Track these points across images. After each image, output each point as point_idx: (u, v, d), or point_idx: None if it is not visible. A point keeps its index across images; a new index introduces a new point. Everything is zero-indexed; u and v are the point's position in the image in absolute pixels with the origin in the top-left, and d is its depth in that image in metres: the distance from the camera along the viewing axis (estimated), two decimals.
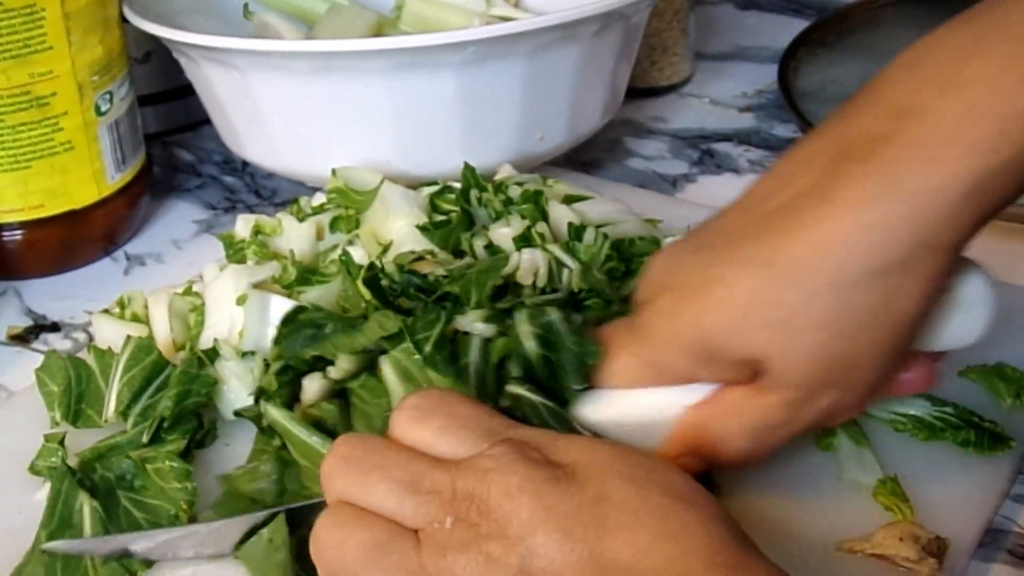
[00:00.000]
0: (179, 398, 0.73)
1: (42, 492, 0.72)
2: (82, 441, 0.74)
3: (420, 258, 0.78)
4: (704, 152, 1.11)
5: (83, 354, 0.79)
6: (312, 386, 0.72)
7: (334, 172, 0.89)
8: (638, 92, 1.16)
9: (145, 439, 0.72)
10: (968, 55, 0.55)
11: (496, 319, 0.71)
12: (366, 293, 0.74)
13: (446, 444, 0.58)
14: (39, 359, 0.79)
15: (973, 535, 0.68)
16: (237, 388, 0.76)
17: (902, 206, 0.55)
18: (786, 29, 1.24)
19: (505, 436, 0.57)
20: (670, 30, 1.17)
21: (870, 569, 0.65)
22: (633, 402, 0.65)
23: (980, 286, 0.62)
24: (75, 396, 0.77)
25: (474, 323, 0.71)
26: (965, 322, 0.62)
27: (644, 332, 0.63)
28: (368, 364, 0.72)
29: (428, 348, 0.69)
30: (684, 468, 0.61)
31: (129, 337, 0.77)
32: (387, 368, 0.70)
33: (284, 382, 0.73)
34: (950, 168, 0.54)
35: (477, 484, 0.54)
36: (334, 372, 0.72)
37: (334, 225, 0.86)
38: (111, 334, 0.82)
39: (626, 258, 0.80)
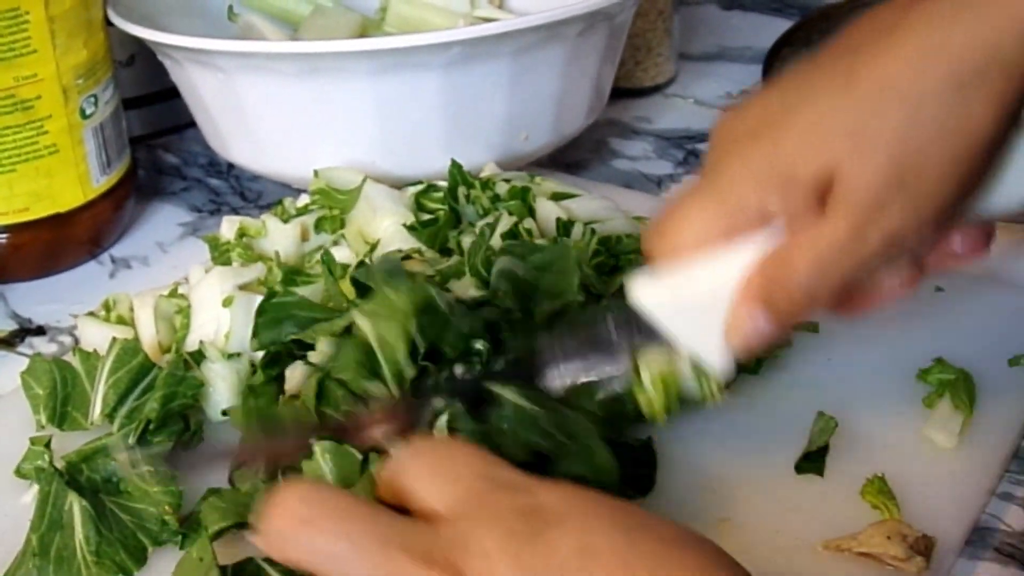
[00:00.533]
0: (165, 400, 0.73)
1: (28, 495, 0.72)
2: (68, 444, 0.73)
3: (408, 257, 0.78)
4: (689, 152, 1.11)
5: (69, 357, 0.79)
6: (295, 374, 0.72)
7: (316, 173, 0.89)
8: (622, 92, 1.16)
9: (131, 441, 0.72)
10: None
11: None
12: (350, 292, 0.74)
13: (425, 490, 0.55)
14: (24, 363, 0.79)
15: (960, 533, 0.68)
16: (223, 390, 0.76)
17: (975, 26, 0.55)
18: (769, 29, 1.24)
19: (485, 480, 0.55)
20: (654, 30, 1.17)
21: (857, 568, 0.65)
22: (697, 272, 0.60)
23: None
24: (60, 399, 0.76)
25: (468, 289, 0.71)
26: (1016, 182, 0.60)
27: (713, 176, 0.61)
28: None
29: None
30: (752, 333, 0.61)
31: (115, 339, 0.77)
32: (361, 320, 0.69)
33: (271, 376, 0.73)
34: None
35: (453, 549, 0.52)
36: (315, 356, 0.71)
37: (319, 226, 0.86)
38: (97, 337, 0.81)
39: (614, 254, 0.80)
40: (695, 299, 0.61)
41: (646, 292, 0.62)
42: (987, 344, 0.80)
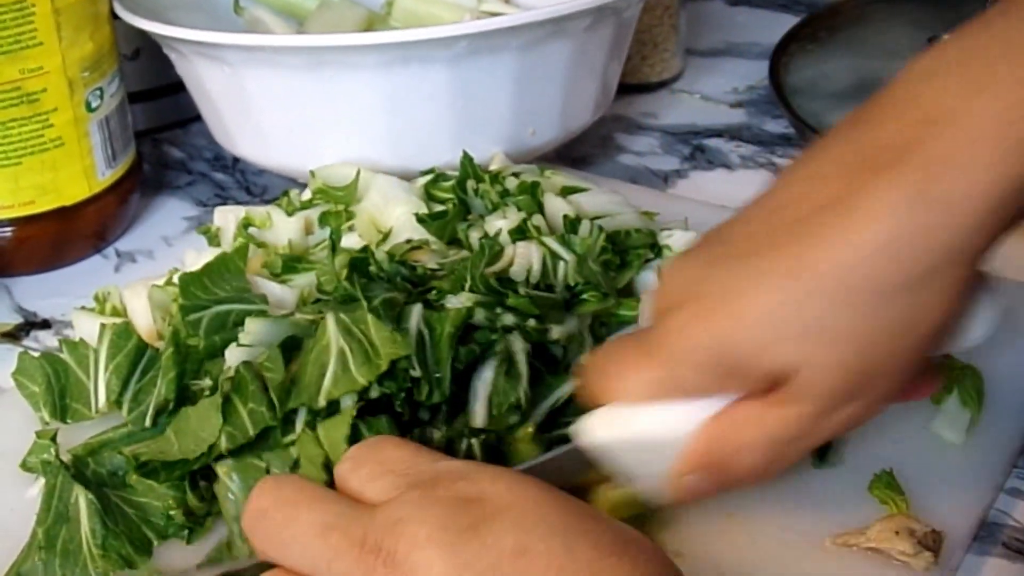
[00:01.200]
0: (178, 380, 0.72)
1: (34, 489, 0.72)
2: (73, 437, 0.73)
3: (417, 247, 0.78)
4: (695, 148, 1.11)
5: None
6: (232, 355, 0.71)
7: (312, 174, 0.89)
8: (629, 88, 1.16)
9: (148, 423, 0.72)
10: (994, 58, 0.53)
11: (487, 306, 0.71)
12: (343, 274, 0.73)
13: (372, 491, 0.55)
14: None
15: (968, 529, 0.68)
16: None
17: (932, 215, 0.53)
18: (775, 25, 1.24)
19: (427, 474, 0.54)
20: (661, 26, 1.16)
21: (865, 563, 0.65)
22: (645, 419, 0.60)
23: (988, 287, 0.60)
24: (58, 393, 0.76)
25: (466, 305, 0.71)
26: (975, 324, 0.60)
27: (658, 349, 0.59)
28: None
29: (376, 302, 0.68)
30: (693, 490, 0.61)
31: (103, 326, 0.76)
32: (331, 323, 0.68)
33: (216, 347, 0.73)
34: (980, 176, 0.53)
35: (386, 535, 0.51)
36: (244, 337, 0.71)
37: (323, 220, 0.86)
38: (92, 330, 0.81)
39: (622, 250, 0.80)
40: (646, 441, 0.61)
41: (593, 431, 0.62)
42: (995, 340, 0.79)
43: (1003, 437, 0.74)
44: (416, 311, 0.69)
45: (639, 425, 0.61)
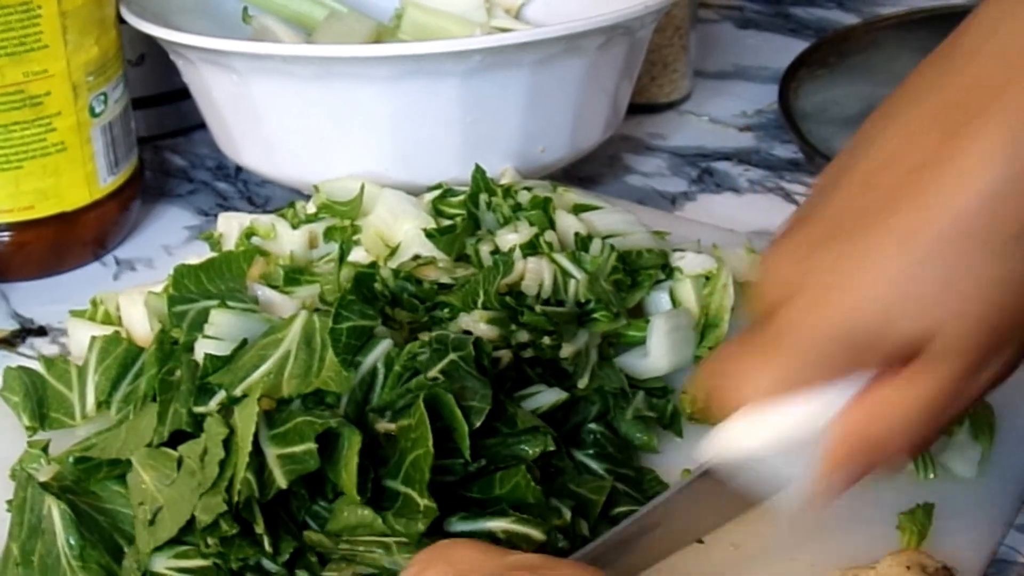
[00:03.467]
0: (162, 375, 0.71)
1: None
2: (63, 445, 0.72)
3: (425, 263, 0.77)
4: (703, 170, 1.10)
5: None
6: (199, 347, 0.71)
7: (316, 188, 0.89)
8: (637, 108, 1.16)
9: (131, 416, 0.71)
10: None
11: (501, 323, 0.70)
12: (347, 288, 0.73)
13: None
14: (26, 363, 0.78)
15: (979, 565, 0.67)
16: None
17: None
18: (785, 49, 1.24)
19: (493, 571, 0.54)
20: (671, 46, 1.16)
21: None
22: (784, 418, 0.57)
23: None
24: (36, 401, 0.76)
25: (478, 323, 0.70)
26: None
27: (781, 343, 0.56)
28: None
29: (344, 326, 0.67)
30: (843, 485, 0.58)
31: (94, 338, 0.76)
32: (298, 322, 0.68)
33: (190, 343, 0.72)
34: None
35: None
36: (209, 328, 0.71)
37: (328, 235, 0.85)
38: (87, 336, 0.80)
39: (633, 270, 0.79)
40: (782, 445, 0.58)
41: (736, 440, 0.59)
42: None
43: (1015, 472, 0.73)
44: (382, 346, 0.67)
45: (781, 425, 0.57)
